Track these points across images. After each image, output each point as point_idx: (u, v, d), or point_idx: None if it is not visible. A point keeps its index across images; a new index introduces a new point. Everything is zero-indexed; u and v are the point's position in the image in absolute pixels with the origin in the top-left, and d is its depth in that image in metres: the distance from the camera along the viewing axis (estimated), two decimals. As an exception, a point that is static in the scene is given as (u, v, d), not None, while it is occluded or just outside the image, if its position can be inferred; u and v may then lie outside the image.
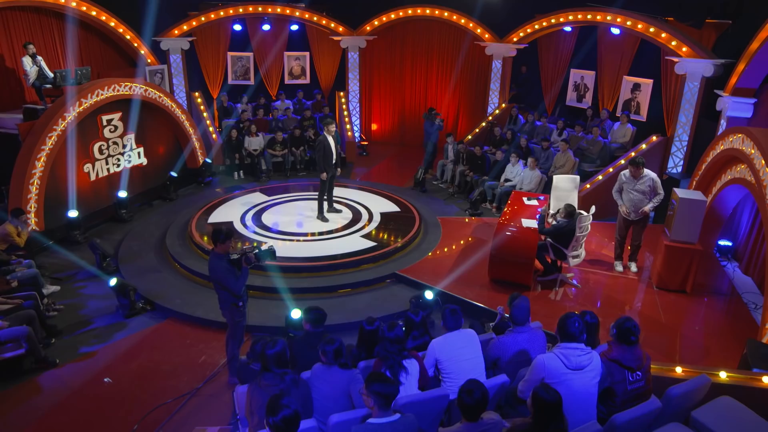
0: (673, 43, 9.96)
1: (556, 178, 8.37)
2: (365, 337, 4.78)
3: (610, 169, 10.12)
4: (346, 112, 14.61)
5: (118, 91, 9.88)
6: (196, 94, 13.87)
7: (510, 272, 7.22)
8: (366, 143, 14.70)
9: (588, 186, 10.02)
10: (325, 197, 9.36)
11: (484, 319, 6.22)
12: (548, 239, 7.18)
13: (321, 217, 9.27)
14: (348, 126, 14.33)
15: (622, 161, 10.20)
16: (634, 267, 7.86)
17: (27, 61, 10.04)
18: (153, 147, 11.18)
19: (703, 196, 7.12)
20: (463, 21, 13.59)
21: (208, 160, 12.09)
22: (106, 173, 10.13)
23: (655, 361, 5.69)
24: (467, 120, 14.73)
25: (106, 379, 5.90)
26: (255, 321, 6.75)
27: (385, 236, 8.66)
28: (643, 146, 10.37)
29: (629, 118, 11.08)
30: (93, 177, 9.88)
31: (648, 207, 7.37)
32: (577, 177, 8.43)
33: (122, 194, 10.03)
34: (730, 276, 7.95)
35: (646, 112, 11.39)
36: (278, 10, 13.95)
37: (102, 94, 9.57)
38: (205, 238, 8.41)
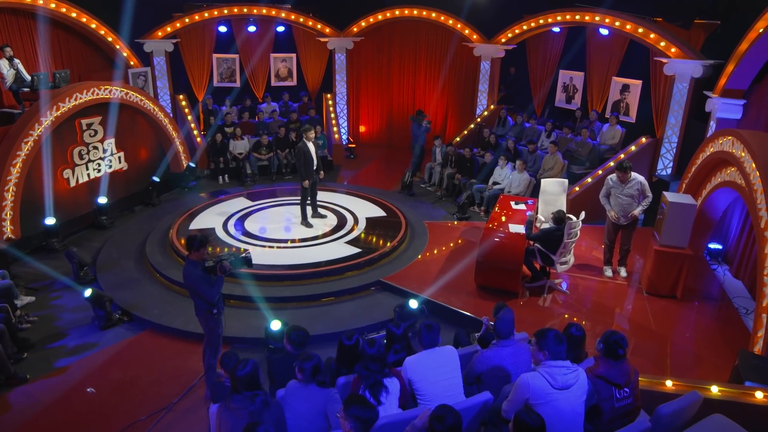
0: (662, 43, 9.85)
1: (544, 181, 8.23)
2: (344, 353, 4.60)
3: (600, 172, 10.00)
4: (333, 115, 14.42)
5: (97, 94, 9.65)
6: (181, 96, 13.63)
7: (497, 279, 7.06)
8: (353, 146, 14.51)
9: (577, 189, 9.89)
10: (308, 202, 9.17)
11: (471, 329, 6.05)
12: (536, 245, 7.02)
13: (305, 222, 9.07)
14: (335, 128, 14.14)
15: (611, 163, 10.07)
16: (623, 272, 7.73)
17: (4, 64, 9.77)
18: (135, 151, 10.94)
19: (693, 200, 6.99)
20: (450, 22, 13.44)
21: (192, 164, 11.86)
22: (86, 179, 9.89)
23: (645, 372, 5.57)
24: (456, 122, 14.58)
25: (89, 389, 5.70)
26: (235, 332, 6.56)
27: (371, 242, 8.47)
28: (633, 148, 10.25)
29: (618, 119, 10.97)
30: (72, 183, 9.64)
31: (637, 211, 7.23)
32: (566, 181, 8.29)
33: (102, 200, 9.79)
34: (720, 280, 7.84)
35: (635, 113, 11.28)
36: (263, 11, 13.73)
37: (80, 98, 9.34)
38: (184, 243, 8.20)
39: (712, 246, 8.51)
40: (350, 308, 7.08)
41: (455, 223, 9.89)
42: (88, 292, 6.81)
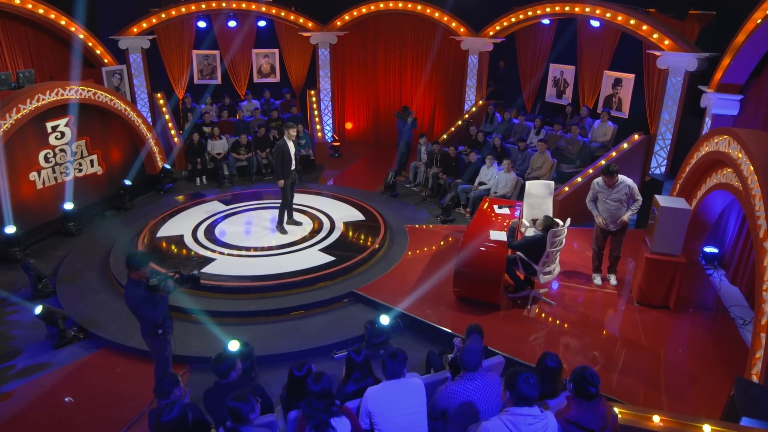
0: (655, 35, 9.36)
1: (528, 184, 7.76)
2: (294, 384, 4.15)
3: (590, 171, 9.53)
4: (316, 112, 13.94)
5: (62, 95, 9.16)
6: (159, 95, 13.13)
7: (477, 290, 6.60)
8: (338, 144, 14.02)
9: (566, 189, 9.42)
10: (290, 204, 8.73)
11: (445, 349, 5.61)
12: (518, 253, 6.57)
13: (280, 228, 8.62)
14: (318, 126, 13.66)
15: (603, 162, 9.61)
16: (613, 279, 7.28)
17: (-37, 63, 9.33)
18: (107, 153, 10.47)
19: (687, 205, 6.53)
20: (437, 14, 12.92)
21: (167, 166, 11.38)
22: (53, 182, 9.42)
23: (633, 394, 5.15)
24: (443, 118, 14.09)
25: (67, 399, 5.30)
26: (195, 351, 6.12)
27: (346, 249, 7.99)
28: (625, 145, 9.78)
29: (610, 115, 10.49)
30: (39, 186, 9.18)
31: (627, 215, 6.77)
32: (552, 183, 7.81)
33: (68, 206, 9.31)
34: (716, 287, 7.39)
35: (628, 108, 10.80)
36: (243, 5, 13.24)
37: (43, 99, 8.84)
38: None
39: (707, 250, 8.06)
40: (320, 323, 6.64)
41: (431, 226, 9.41)
42: (38, 309, 6.36)
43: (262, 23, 14.25)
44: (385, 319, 6.03)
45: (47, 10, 11.01)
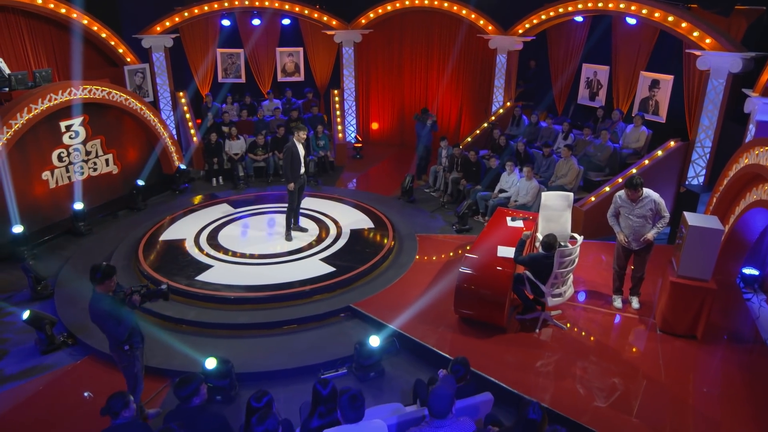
0: (695, 33, 8.55)
1: (545, 195, 7.17)
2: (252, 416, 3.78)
3: (620, 179, 8.82)
4: (338, 112, 13.59)
5: (74, 94, 9.13)
6: (181, 93, 13.09)
7: (479, 310, 6.09)
8: (360, 145, 13.63)
9: (593, 199, 8.75)
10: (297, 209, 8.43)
11: (435, 377, 5.13)
12: (526, 271, 6.02)
13: (288, 235, 8.29)
14: (339, 127, 13.32)
15: (634, 170, 8.89)
16: (635, 303, 6.61)
17: (-16, 63, 9.43)
18: (122, 153, 10.44)
19: (719, 224, 5.80)
20: (464, 12, 12.35)
21: (182, 167, 11.27)
22: (66, 182, 9.43)
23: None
24: (470, 120, 13.51)
25: (86, 394, 5.19)
26: (178, 364, 5.86)
27: (349, 260, 7.58)
28: (659, 153, 9.00)
29: (644, 119, 9.70)
30: (52, 185, 9.19)
31: (651, 234, 6.11)
32: (571, 195, 7.19)
33: (78, 206, 9.28)
34: (754, 314, 6.61)
35: (665, 112, 9.98)
36: (266, 2, 13.01)
37: (55, 99, 8.83)
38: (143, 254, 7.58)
39: (747, 271, 7.26)
40: (312, 339, 6.26)
41: (444, 236, 8.89)
42: (25, 314, 6.25)
43: (286, 21, 14.02)
44: (374, 341, 5.60)
45: (69, 9, 11.06)
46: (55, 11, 10.92)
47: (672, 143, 9.06)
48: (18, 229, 8.32)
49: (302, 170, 8.15)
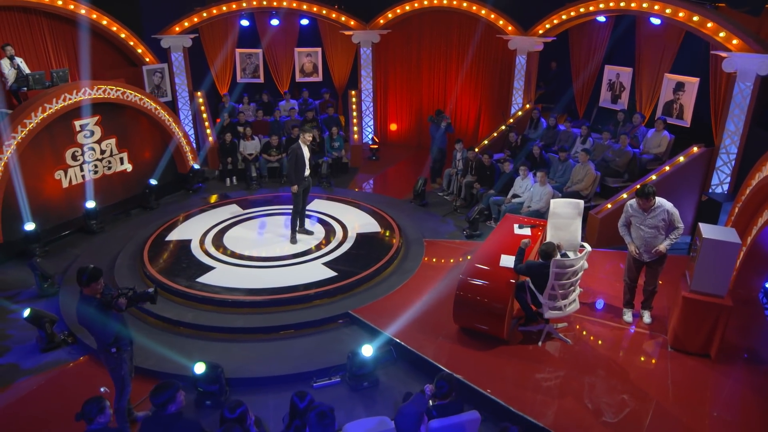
0: (721, 34, 8.13)
1: (554, 202, 6.89)
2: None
3: (638, 186, 8.43)
4: (355, 113, 13.48)
5: (89, 94, 9.23)
6: (198, 93, 13.17)
7: (478, 320, 5.87)
8: (376, 147, 13.49)
9: (609, 206, 8.41)
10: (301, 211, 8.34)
11: (422, 392, 4.94)
12: (527, 280, 5.78)
13: (293, 238, 8.20)
14: (356, 128, 13.20)
15: (654, 176, 8.53)
16: (647, 317, 6.29)
17: (5, 63, 9.62)
18: (137, 152, 10.52)
19: (737, 237, 5.45)
20: (483, 12, 12.08)
21: (196, 166, 11.31)
22: (80, 180, 9.54)
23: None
24: (488, 122, 13.23)
25: (102, 389, 5.23)
26: (171, 367, 5.81)
27: (352, 265, 7.43)
28: (681, 159, 8.60)
29: (666, 124, 9.30)
30: (66, 184, 9.31)
31: (663, 245, 5.79)
32: (581, 202, 6.87)
33: (90, 204, 9.37)
34: (776, 333, 6.23)
35: (690, 116, 9.54)
36: (284, 2, 12.98)
37: (70, 99, 8.93)
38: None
39: (770, 286, 6.86)
40: (308, 345, 6.14)
41: (453, 242, 8.67)
42: (26, 312, 6.31)
43: (304, 21, 13.99)
44: (367, 350, 5.44)
45: (89, 10, 11.21)
46: (75, 12, 11.08)
47: (695, 149, 8.65)
48: (30, 226, 8.44)
49: (306, 173, 8.06)
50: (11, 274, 8.11)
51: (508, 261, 5.97)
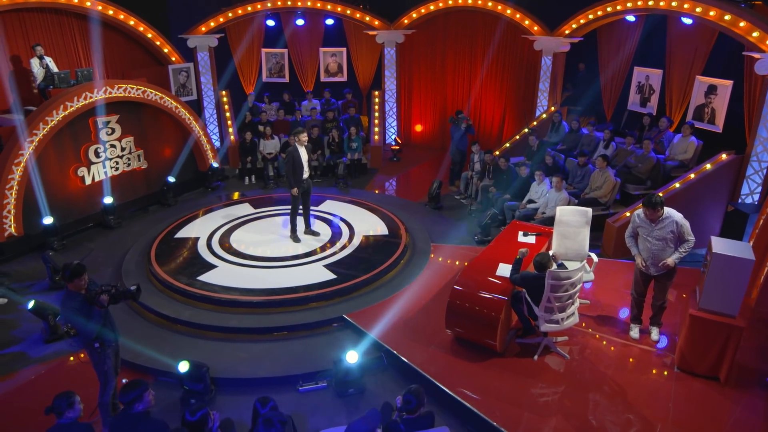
0: (754, 34, 7.64)
1: (560, 210, 6.59)
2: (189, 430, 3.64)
3: (660, 194, 7.99)
4: (377, 114, 13.37)
5: (110, 93, 9.46)
6: (223, 92, 13.34)
7: (470, 329, 5.66)
8: (397, 148, 13.35)
9: (627, 214, 8.00)
10: (300, 213, 8.29)
11: (393, 404, 4.77)
12: (524, 290, 5.53)
13: (293, 236, 8.19)
14: (377, 129, 13.10)
15: (677, 184, 8.08)
16: (655, 334, 5.93)
17: (35, 62, 9.96)
18: (157, 150, 10.73)
19: (751, 253, 5.05)
20: (508, 11, 11.79)
21: (215, 165, 11.46)
22: (102, 177, 9.79)
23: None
24: (513, 124, 12.89)
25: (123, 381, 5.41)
26: (161, 364, 5.84)
27: (354, 267, 7.31)
28: (708, 166, 8.12)
29: (693, 129, 8.80)
30: (88, 181, 9.56)
31: (672, 259, 5.44)
32: (589, 210, 6.54)
33: (108, 200, 9.60)
34: (799, 357, 5.76)
35: (722, 121, 9.01)
36: (308, 2, 13.01)
37: (91, 97, 9.17)
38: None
39: (796, 306, 6.35)
40: (299, 348, 6.07)
41: (462, 247, 8.44)
42: (30, 304, 6.49)
43: (329, 21, 13.99)
44: (352, 357, 5.32)
45: (116, 11, 11.50)
46: (103, 12, 11.38)
47: (724, 156, 8.15)
48: (48, 220, 8.70)
49: (306, 175, 8.02)
50: (29, 265, 8.38)
51: (505, 270, 5.74)
